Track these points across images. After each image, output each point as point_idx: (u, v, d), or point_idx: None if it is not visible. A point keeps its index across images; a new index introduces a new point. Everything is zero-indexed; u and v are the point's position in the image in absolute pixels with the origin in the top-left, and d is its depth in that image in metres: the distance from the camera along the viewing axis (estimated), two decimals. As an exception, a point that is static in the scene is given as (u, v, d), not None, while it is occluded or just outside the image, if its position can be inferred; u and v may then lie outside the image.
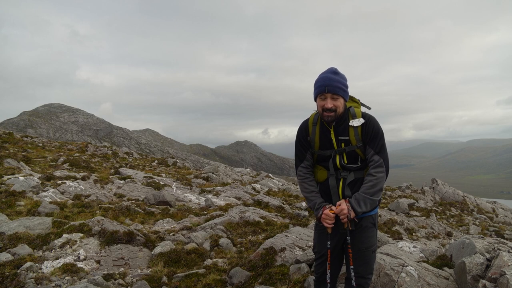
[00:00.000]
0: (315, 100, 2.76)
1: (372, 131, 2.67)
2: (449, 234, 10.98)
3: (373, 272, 2.93)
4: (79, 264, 4.79)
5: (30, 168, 11.43)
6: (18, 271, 4.34)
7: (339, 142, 2.71)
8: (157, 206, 8.79)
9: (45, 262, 4.73)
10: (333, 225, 2.70)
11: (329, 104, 2.62)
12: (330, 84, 2.61)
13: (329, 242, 2.79)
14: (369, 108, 2.92)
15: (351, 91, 2.85)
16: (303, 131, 2.86)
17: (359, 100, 2.90)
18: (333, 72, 2.68)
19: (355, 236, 2.76)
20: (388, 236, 7.02)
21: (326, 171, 2.80)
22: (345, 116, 2.72)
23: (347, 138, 2.69)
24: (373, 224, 2.80)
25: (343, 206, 2.62)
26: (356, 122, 2.67)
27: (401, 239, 7.98)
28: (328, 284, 2.85)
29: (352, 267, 2.76)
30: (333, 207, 2.71)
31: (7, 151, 13.37)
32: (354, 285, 2.76)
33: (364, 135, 2.68)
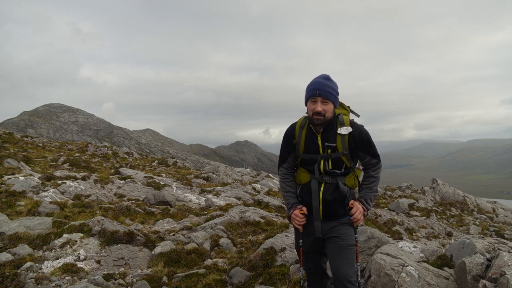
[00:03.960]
0: (306, 104, 2.84)
1: (364, 140, 2.78)
2: (449, 234, 10.98)
3: (374, 273, 2.91)
4: (79, 264, 4.79)
5: (30, 168, 11.43)
6: (18, 271, 4.34)
7: (326, 148, 2.76)
8: (157, 206, 8.79)
9: (45, 262, 4.74)
10: (303, 223, 2.82)
11: (319, 107, 2.69)
12: (321, 88, 2.69)
13: (300, 241, 2.94)
14: (358, 116, 2.98)
15: (355, 91, 2.90)
16: (289, 134, 2.94)
17: (348, 107, 2.96)
18: (325, 78, 2.77)
19: (334, 233, 2.78)
20: (388, 236, 7.01)
21: (309, 174, 2.85)
22: (333, 123, 2.78)
23: (334, 145, 2.75)
24: (348, 224, 2.81)
25: (358, 206, 2.74)
26: (344, 131, 2.73)
27: (401, 239, 7.97)
28: (301, 280, 3.01)
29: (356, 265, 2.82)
30: (303, 208, 2.83)
31: (7, 151, 13.37)
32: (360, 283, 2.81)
33: (353, 144, 2.76)
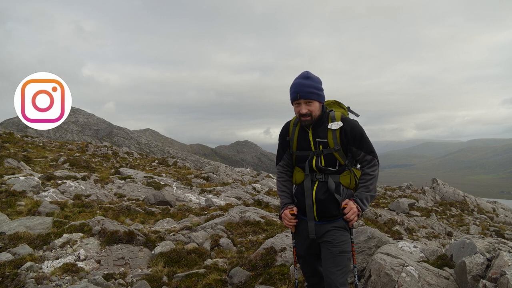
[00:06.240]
0: (292, 104, 2.81)
1: (356, 135, 2.69)
2: (449, 234, 10.98)
3: (374, 273, 2.90)
4: (80, 264, 4.80)
5: (30, 168, 11.44)
6: (19, 270, 4.34)
7: (317, 144, 2.72)
8: (157, 206, 8.79)
9: (46, 262, 4.74)
10: (292, 223, 2.81)
11: (304, 109, 2.65)
12: (302, 90, 2.63)
13: (293, 241, 2.94)
14: (357, 115, 2.93)
15: (356, 91, 2.86)
16: (284, 131, 2.92)
17: (348, 107, 2.93)
18: (305, 77, 2.69)
19: (328, 238, 2.71)
20: (388, 236, 7.01)
21: (303, 173, 2.80)
22: (324, 118, 2.74)
23: (325, 140, 2.70)
24: (344, 228, 2.73)
25: (352, 205, 2.63)
26: (335, 126, 2.68)
27: (401, 239, 7.97)
28: (296, 280, 3.01)
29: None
30: (294, 208, 2.80)
31: (8, 151, 13.38)
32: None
33: (345, 139, 2.69)
